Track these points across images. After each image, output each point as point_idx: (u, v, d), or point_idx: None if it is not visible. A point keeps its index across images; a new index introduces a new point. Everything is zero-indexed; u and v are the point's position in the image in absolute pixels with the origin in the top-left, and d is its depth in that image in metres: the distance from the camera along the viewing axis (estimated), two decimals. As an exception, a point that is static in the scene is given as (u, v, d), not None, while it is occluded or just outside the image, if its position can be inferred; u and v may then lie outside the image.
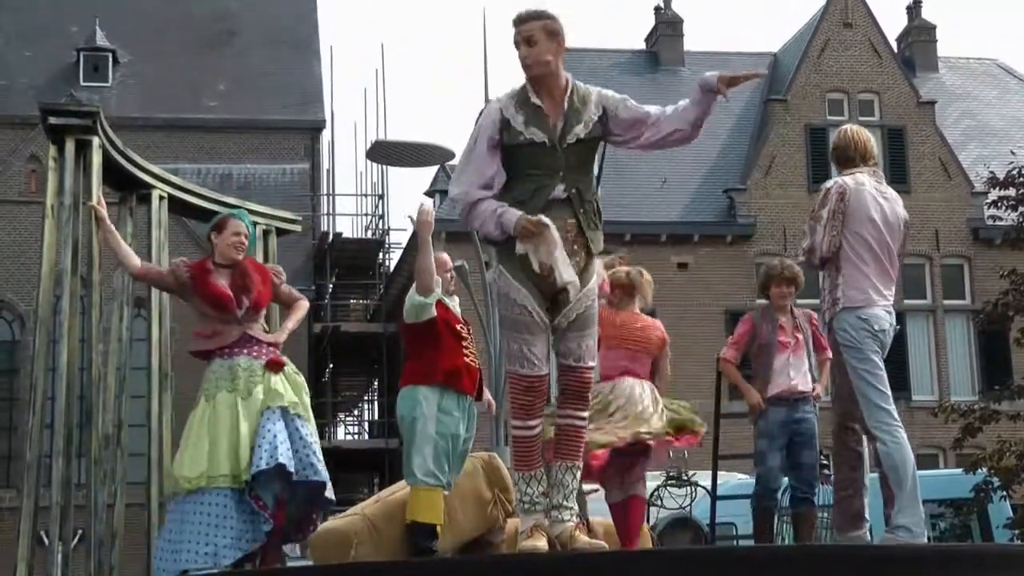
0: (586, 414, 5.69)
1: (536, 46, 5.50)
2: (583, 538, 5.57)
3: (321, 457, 6.67)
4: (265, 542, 6.50)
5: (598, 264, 5.70)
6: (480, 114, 5.79)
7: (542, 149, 5.49)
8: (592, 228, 5.57)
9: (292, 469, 6.42)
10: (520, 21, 5.55)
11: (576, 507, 5.69)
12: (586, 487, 6.98)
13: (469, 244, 17.07)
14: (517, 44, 5.55)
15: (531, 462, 5.63)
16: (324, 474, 6.59)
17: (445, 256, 7.36)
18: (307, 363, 29.96)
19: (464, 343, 7.16)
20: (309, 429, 6.63)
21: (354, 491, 32.58)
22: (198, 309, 6.64)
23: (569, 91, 5.58)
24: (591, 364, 5.64)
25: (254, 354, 6.56)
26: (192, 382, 6.69)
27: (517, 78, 5.66)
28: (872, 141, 6.87)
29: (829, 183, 6.66)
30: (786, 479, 8.55)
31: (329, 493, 6.73)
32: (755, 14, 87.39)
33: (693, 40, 40.58)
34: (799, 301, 8.74)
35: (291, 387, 6.65)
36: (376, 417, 38.17)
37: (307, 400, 6.76)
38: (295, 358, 6.81)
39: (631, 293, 7.37)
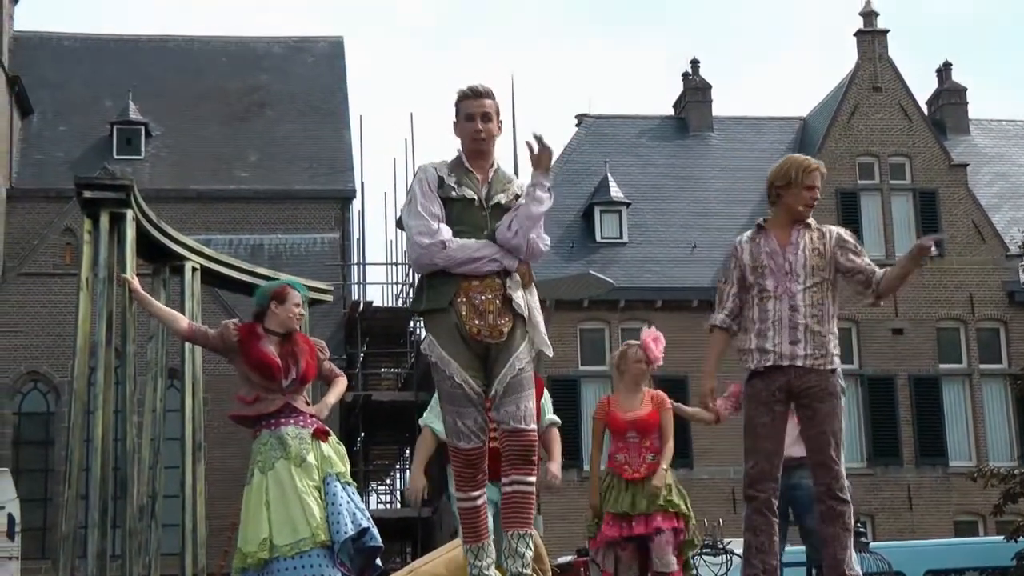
0: (533, 478, 5.57)
1: (490, 123, 5.65)
2: None
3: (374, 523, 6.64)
4: None
5: (540, 326, 5.63)
6: (415, 177, 5.82)
7: (471, 205, 5.59)
8: (517, 289, 5.55)
9: (374, 534, 6.41)
10: (478, 95, 5.66)
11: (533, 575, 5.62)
12: None
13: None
14: (471, 117, 5.63)
15: (478, 534, 5.63)
16: (379, 539, 6.56)
17: None
18: (339, 432, 29.78)
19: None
20: (358, 497, 6.63)
21: (387, 561, 32.39)
22: (243, 373, 6.61)
23: (494, 169, 5.70)
24: (533, 426, 5.53)
25: (300, 423, 6.54)
26: (225, 453, 6.67)
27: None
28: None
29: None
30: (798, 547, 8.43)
31: (378, 560, 6.71)
32: (783, 79, 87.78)
33: (721, 105, 40.69)
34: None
35: (336, 457, 6.64)
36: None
37: (348, 469, 6.76)
38: (327, 427, 6.79)
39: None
